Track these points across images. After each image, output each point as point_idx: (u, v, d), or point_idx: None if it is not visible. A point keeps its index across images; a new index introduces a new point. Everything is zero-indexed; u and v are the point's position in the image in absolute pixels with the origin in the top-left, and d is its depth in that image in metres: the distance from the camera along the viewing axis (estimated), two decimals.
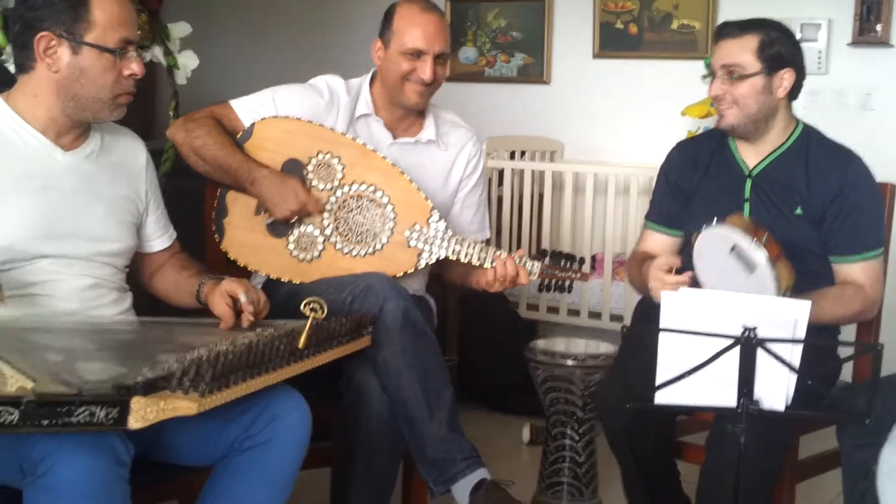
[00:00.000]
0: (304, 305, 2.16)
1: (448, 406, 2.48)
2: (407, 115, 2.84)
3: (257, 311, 2.25)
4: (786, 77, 2.59)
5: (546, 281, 2.69)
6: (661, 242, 2.78)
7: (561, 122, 5.25)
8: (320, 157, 2.69)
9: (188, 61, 3.41)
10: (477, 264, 2.64)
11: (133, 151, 2.39)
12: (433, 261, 2.66)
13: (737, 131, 2.64)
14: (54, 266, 2.15)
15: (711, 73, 2.65)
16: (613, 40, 5.13)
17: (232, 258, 2.69)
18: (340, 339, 2.26)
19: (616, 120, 5.12)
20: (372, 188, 2.67)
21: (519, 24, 5.38)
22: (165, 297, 2.45)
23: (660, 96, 4.95)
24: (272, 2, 5.97)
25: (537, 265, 2.63)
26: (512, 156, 4.93)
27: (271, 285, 2.65)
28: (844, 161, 2.63)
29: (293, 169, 2.68)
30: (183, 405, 1.76)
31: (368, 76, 2.86)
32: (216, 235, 2.72)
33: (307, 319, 2.13)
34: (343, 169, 2.68)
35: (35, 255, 2.12)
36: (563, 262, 2.66)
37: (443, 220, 2.66)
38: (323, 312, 2.17)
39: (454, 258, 2.65)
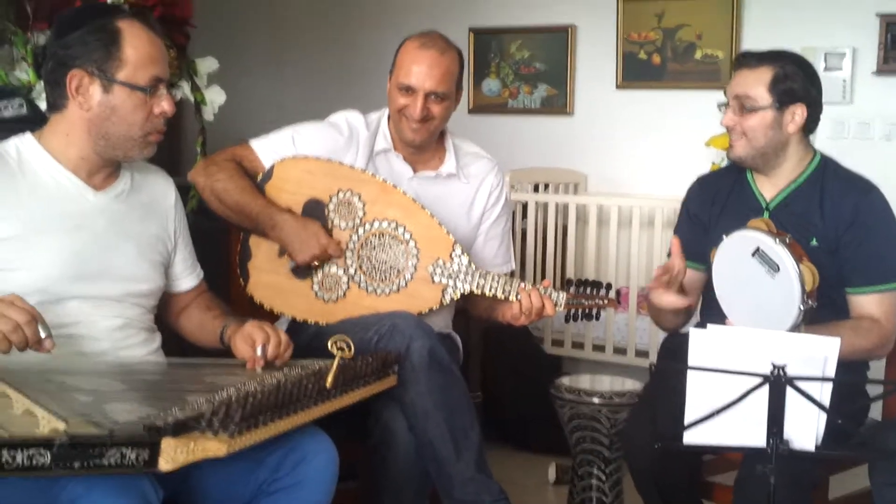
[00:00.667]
0: (332, 344, 2.16)
1: (476, 446, 2.47)
2: (424, 148, 2.84)
3: (278, 354, 2.24)
4: (797, 112, 2.59)
5: (573, 311, 2.67)
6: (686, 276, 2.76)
7: (584, 154, 5.25)
8: (341, 195, 2.69)
9: (215, 97, 3.42)
10: (502, 298, 2.63)
11: (162, 190, 2.40)
12: (458, 296, 2.66)
13: (745, 163, 2.64)
14: (85, 307, 2.16)
15: (726, 103, 2.65)
16: (637, 71, 5.13)
17: (257, 301, 2.70)
18: (367, 378, 2.26)
19: (640, 151, 5.11)
20: (393, 224, 2.67)
21: (542, 56, 5.40)
22: (190, 337, 2.45)
23: (684, 127, 4.95)
24: (297, 37, 6.01)
25: (563, 295, 2.62)
26: (536, 188, 4.93)
27: (297, 326, 2.65)
28: (860, 190, 2.62)
29: (315, 208, 2.69)
30: (213, 446, 1.77)
31: (387, 111, 2.86)
32: (241, 279, 2.73)
33: (334, 359, 2.14)
34: (364, 206, 2.68)
35: (66, 295, 2.13)
36: (589, 290, 2.65)
37: (466, 253, 2.65)
38: (350, 351, 2.17)
39: (479, 292, 2.64)
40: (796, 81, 2.58)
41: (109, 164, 2.24)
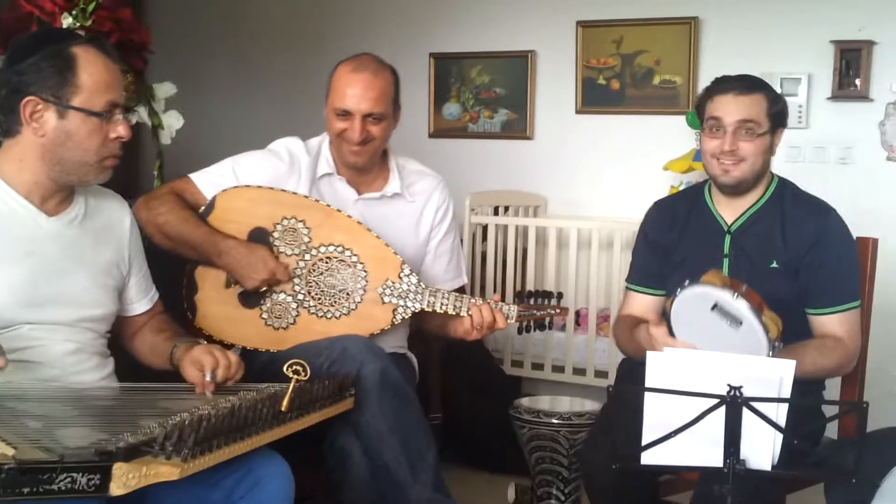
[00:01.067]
0: (287, 367, 2.15)
1: (432, 467, 2.46)
2: (367, 170, 2.84)
3: (228, 377, 2.23)
4: (779, 135, 2.65)
5: (524, 322, 2.69)
6: (645, 303, 2.77)
7: (544, 178, 5.27)
8: (285, 222, 2.69)
9: (173, 121, 3.41)
10: (454, 314, 2.65)
11: (118, 215, 2.39)
12: (409, 315, 2.66)
13: (739, 187, 2.64)
14: (36, 332, 2.13)
15: (710, 127, 2.62)
16: (596, 96, 5.17)
17: (206, 333, 2.67)
18: (323, 401, 2.25)
19: (599, 175, 5.15)
20: (340, 248, 2.67)
21: (502, 81, 5.42)
22: (143, 360, 2.43)
23: (642, 151, 4.99)
24: (257, 62, 6.00)
25: (514, 308, 2.64)
26: (496, 211, 4.95)
27: (249, 355, 2.63)
28: (820, 213, 2.66)
29: (260, 237, 2.69)
30: (165, 470, 1.75)
31: (327, 135, 2.86)
32: (188, 313, 2.71)
33: (289, 382, 2.12)
34: (309, 232, 2.68)
35: (17, 321, 2.11)
36: (540, 301, 2.67)
37: (414, 273, 2.66)
38: (306, 375, 2.16)
39: (430, 310, 2.66)
40: (782, 105, 2.64)
41: (63, 190, 2.22)
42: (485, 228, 4.80)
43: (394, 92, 2.80)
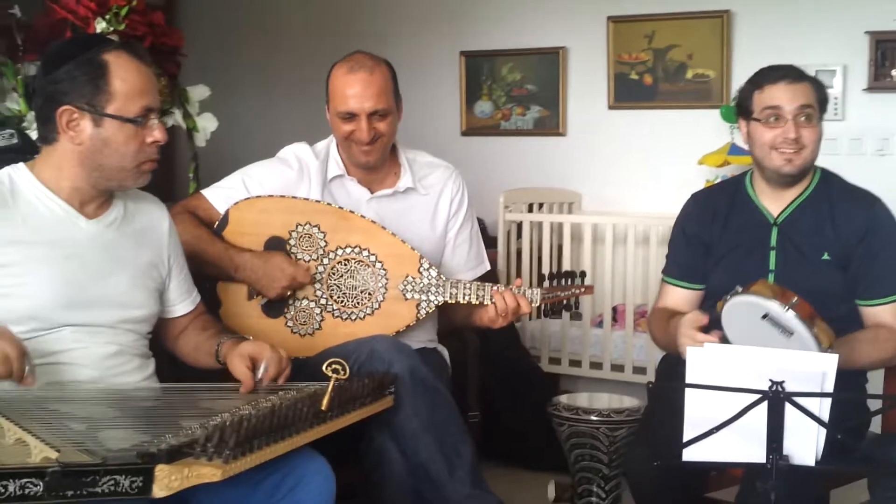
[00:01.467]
0: (326, 366, 2.15)
1: (468, 462, 2.45)
2: (378, 169, 2.83)
3: (279, 372, 2.24)
4: (822, 125, 2.61)
5: (551, 305, 2.68)
6: (681, 297, 2.75)
7: (578, 174, 5.25)
8: (300, 229, 2.70)
9: (207, 124, 3.43)
10: (477, 303, 2.65)
11: (156, 217, 2.40)
12: (433, 309, 2.67)
13: (800, 176, 2.61)
14: (77, 334, 2.15)
15: (767, 117, 2.56)
16: (628, 91, 5.14)
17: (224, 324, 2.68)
18: (363, 399, 2.25)
19: (633, 170, 5.12)
20: (357, 249, 2.68)
21: (534, 77, 5.41)
22: (188, 360, 2.44)
23: (676, 146, 4.96)
24: (289, 62, 6.02)
25: (538, 291, 2.64)
26: (530, 208, 4.93)
27: None
28: (868, 203, 2.63)
29: (276, 246, 2.70)
30: (207, 472, 1.76)
31: (333, 137, 2.86)
32: None
33: (329, 381, 2.12)
34: (325, 236, 2.69)
35: (58, 323, 2.13)
36: (563, 282, 2.65)
37: (433, 266, 2.66)
38: (345, 373, 2.16)
39: (453, 301, 2.66)
40: (825, 93, 2.61)
41: (103, 194, 2.24)
42: (519, 226, 4.79)
43: (393, 85, 2.79)
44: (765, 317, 2.27)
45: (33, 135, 2.80)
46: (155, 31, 3.28)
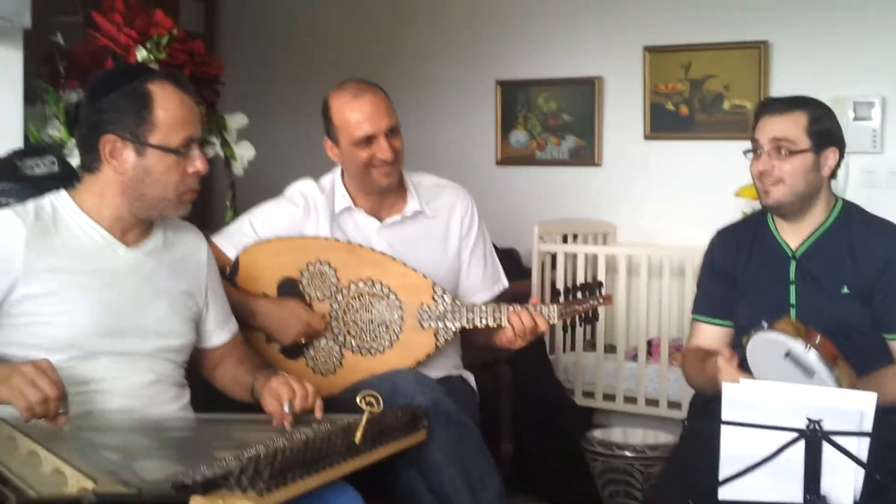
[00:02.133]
0: (360, 399, 2.15)
1: (496, 493, 2.43)
2: (386, 196, 2.82)
3: (306, 407, 2.22)
4: (830, 156, 2.59)
5: (569, 320, 2.65)
6: (713, 335, 2.73)
7: (613, 205, 5.24)
8: (311, 268, 2.70)
9: (245, 152, 3.45)
10: (494, 326, 2.64)
11: (194, 247, 2.42)
12: (451, 336, 2.66)
13: (782, 209, 2.61)
14: (116, 363, 2.16)
15: (755, 150, 2.62)
16: (664, 122, 5.13)
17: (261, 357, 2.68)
18: (396, 433, 2.24)
19: (669, 202, 5.10)
20: (370, 283, 2.68)
21: (569, 107, 5.41)
22: (224, 391, 2.45)
23: (712, 177, 4.93)
24: (324, 92, 6.05)
25: (555, 308, 2.62)
26: (564, 239, 4.92)
27: None
28: (888, 235, 2.60)
29: (289, 287, 2.70)
30: None
31: (339, 170, 2.86)
32: None
33: (363, 414, 2.12)
34: (336, 272, 2.69)
35: (97, 351, 2.14)
36: (579, 295, 2.63)
37: (447, 292, 2.66)
38: (379, 406, 2.15)
39: (470, 326, 2.65)
40: (830, 123, 2.59)
41: (143, 223, 2.26)
42: (554, 257, 4.77)
43: (392, 104, 2.79)
44: (787, 355, 2.26)
45: (74, 162, 2.83)
46: (195, 59, 3.31)
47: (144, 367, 2.21)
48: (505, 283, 2.97)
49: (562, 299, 2.65)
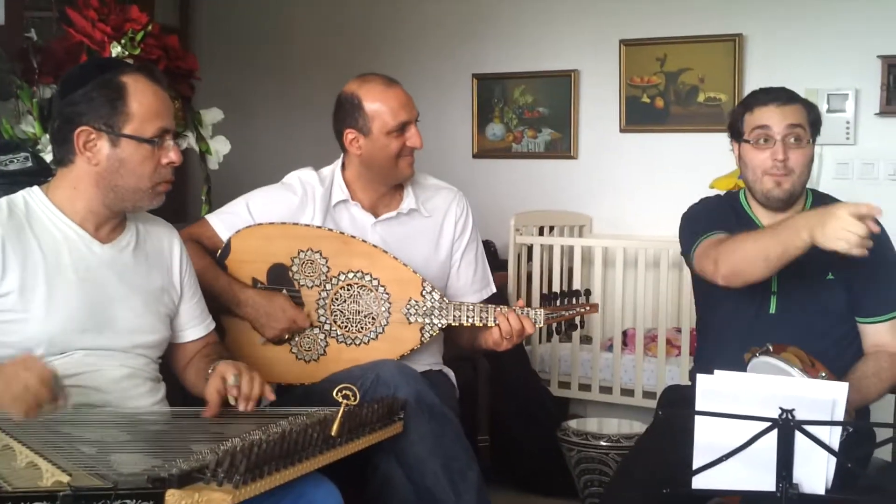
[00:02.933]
0: (337, 392, 2.15)
1: (475, 486, 2.45)
2: (384, 192, 2.85)
3: (249, 394, 2.19)
4: (815, 147, 2.61)
5: (554, 324, 2.68)
6: None
7: (589, 197, 5.26)
8: (302, 255, 2.71)
9: (220, 147, 3.45)
10: (480, 325, 2.66)
11: (167, 242, 2.41)
12: (437, 332, 2.67)
13: (790, 199, 2.60)
14: (90, 357, 2.16)
15: (765, 138, 2.56)
16: (640, 114, 5.15)
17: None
18: (372, 426, 2.24)
19: (644, 193, 5.12)
20: (360, 274, 2.69)
21: (545, 100, 5.42)
22: (193, 390, 2.41)
23: (687, 169, 4.95)
24: (300, 86, 6.05)
25: (541, 312, 2.64)
26: (541, 231, 4.94)
27: (283, 390, 2.65)
28: None
29: (279, 273, 2.71)
30: (217, 497, 1.76)
31: (339, 163, 2.88)
32: None
33: (339, 407, 2.13)
34: (327, 262, 2.70)
35: (72, 347, 2.14)
36: (566, 301, 2.65)
37: (436, 290, 2.67)
38: (356, 399, 2.16)
39: (456, 324, 2.66)
40: (817, 114, 2.62)
41: (116, 217, 2.26)
42: (530, 248, 4.79)
43: None
44: None
45: (48, 158, 2.82)
46: (170, 54, 3.31)
47: (119, 361, 2.21)
48: (493, 289, 3.00)
49: (550, 304, 2.65)
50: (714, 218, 2.70)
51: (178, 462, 1.79)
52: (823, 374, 2.23)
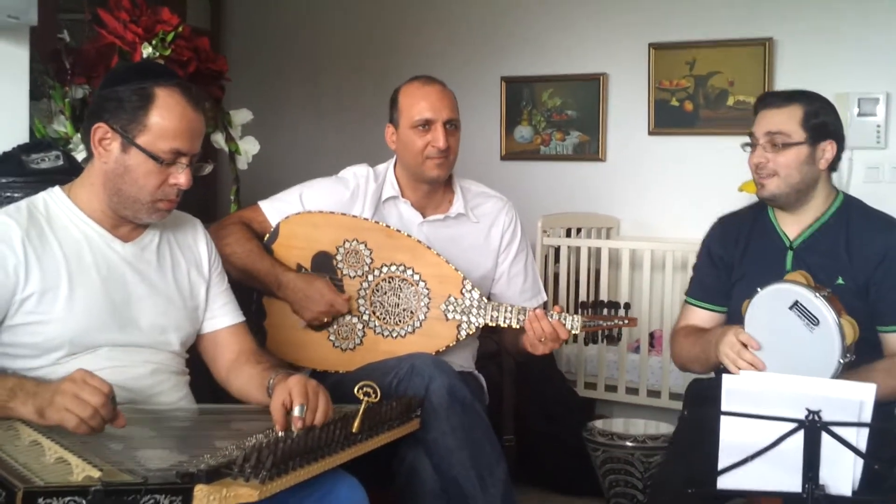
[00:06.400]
0: (358, 389, 2.16)
1: (502, 482, 2.45)
2: (433, 192, 2.87)
3: (311, 421, 2.06)
4: (828, 149, 2.60)
5: (592, 333, 2.68)
6: (704, 318, 2.76)
7: (617, 199, 5.25)
8: (347, 245, 2.74)
9: (249, 147, 3.48)
10: (517, 327, 2.67)
11: (192, 237, 2.42)
12: (473, 330, 2.69)
13: (777, 201, 2.63)
14: (116, 353, 2.17)
15: (752, 143, 2.65)
16: (669, 117, 5.14)
17: (277, 357, 2.70)
18: (391, 423, 2.26)
19: (672, 196, 5.11)
20: (402, 268, 2.71)
21: (574, 103, 5.42)
22: (238, 395, 2.36)
23: (716, 172, 4.94)
24: (328, 87, 6.09)
25: (578, 319, 2.63)
26: (568, 233, 4.94)
27: (317, 376, 2.67)
28: (887, 228, 2.61)
29: (323, 261, 2.74)
30: (245, 492, 1.76)
31: (393, 161, 2.91)
32: (258, 339, 2.74)
33: (360, 404, 2.14)
34: (371, 253, 2.72)
35: (96, 345, 2.15)
36: (605, 311, 2.65)
37: (476, 288, 2.68)
38: (376, 396, 2.17)
39: (493, 325, 2.68)
40: (827, 116, 2.61)
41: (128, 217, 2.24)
42: (557, 250, 4.79)
43: (458, 108, 2.85)
44: (793, 306, 2.28)
45: (79, 157, 2.85)
46: (200, 56, 3.33)
47: (144, 357, 2.21)
48: (544, 297, 3.00)
49: (587, 312, 2.66)
50: (711, 264, 2.78)
51: (206, 458, 1.80)
52: (826, 293, 2.25)
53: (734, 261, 2.73)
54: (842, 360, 2.23)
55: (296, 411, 2.03)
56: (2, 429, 1.84)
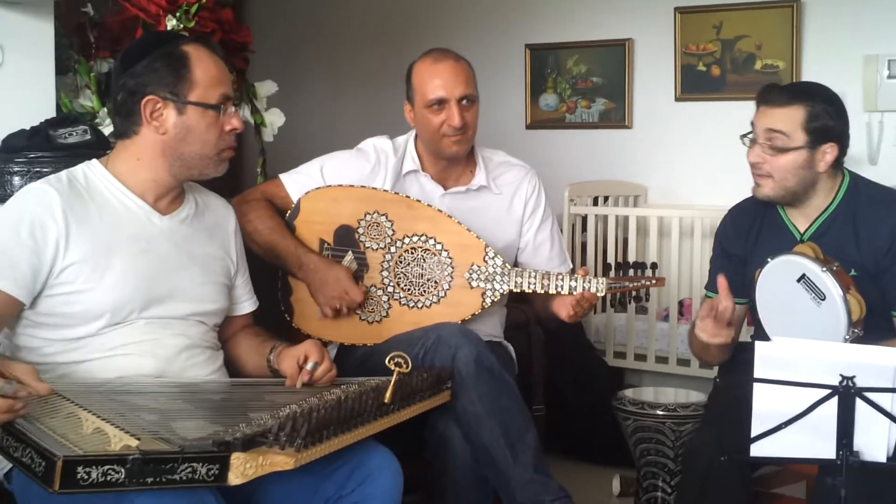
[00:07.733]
0: (389, 360, 2.17)
1: (532, 448, 2.46)
2: (454, 165, 2.86)
3: (321, 378, 2.28)
4: (829, 151, 2.55)
5: (618, 295, 2.67)
6: None
7: (644, 166, 5.21)
8: (368, 217, 2.74)
9: (275, 119, 3.47)
10: (542, 292, 2.66)
11: (223, 215, 2.45)
12: (498, 297, 2.68)
13: (773, 201, 2.61)
14: (150, 326, 2.19)
15: (752, 137, 2.59)
16: (696, 83, 5.09)
17: (305, 333, 2.73)
18: (423, 393, 2.28)
19: (700, 162, 5.07)
20: (424, 238, 2.71)
21: (599, 70, 5.38)
22: (236, 362, 2.45)
23: None
24: (354, 57, 6.07)
25: (603, 281, 2.62)
26: (595, 201, 4.91)
27: (345, 350, 2.69)
28: (892, 209, 2.57)
29: (345, 235, 2.74)
30: (280, 460, 1.79)
31: (413, 133, 2.90)
32: (286, 315, 2.78)
33: (392, 375, 2.15)
34: (392, 225, 2.72)
35: (134, 316, 2.17)
36: (631, 272, 2.64)
37: (498, 255, 2.67)
38: (407, 367, 2.18)
39: (518, 290, 2.67)
40: (830, 119, 2.54)
41: (177, 188, 2.28)
42: (584, 219, 4.77)
43: (475, 78, 2.82)
44: (801, 279, 2.26)
45: (106, 131, 2.86)
46: (224, 27, 3.32)
47: (178, 330, 2.23)
48: (570, 265, 3.00)
49: (611, 274, 2.65)
50: (725, 258, 2.76)
51: (242, 427, 1.82)
52: (834, 267, 2.23)
53: (747, 254, 2.71)
54: (847, 336, 2.22)
55: (309, 366, 2.23)
56: (39, 403, 1.85)
